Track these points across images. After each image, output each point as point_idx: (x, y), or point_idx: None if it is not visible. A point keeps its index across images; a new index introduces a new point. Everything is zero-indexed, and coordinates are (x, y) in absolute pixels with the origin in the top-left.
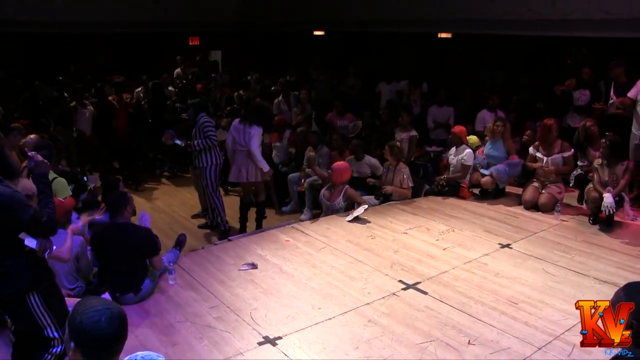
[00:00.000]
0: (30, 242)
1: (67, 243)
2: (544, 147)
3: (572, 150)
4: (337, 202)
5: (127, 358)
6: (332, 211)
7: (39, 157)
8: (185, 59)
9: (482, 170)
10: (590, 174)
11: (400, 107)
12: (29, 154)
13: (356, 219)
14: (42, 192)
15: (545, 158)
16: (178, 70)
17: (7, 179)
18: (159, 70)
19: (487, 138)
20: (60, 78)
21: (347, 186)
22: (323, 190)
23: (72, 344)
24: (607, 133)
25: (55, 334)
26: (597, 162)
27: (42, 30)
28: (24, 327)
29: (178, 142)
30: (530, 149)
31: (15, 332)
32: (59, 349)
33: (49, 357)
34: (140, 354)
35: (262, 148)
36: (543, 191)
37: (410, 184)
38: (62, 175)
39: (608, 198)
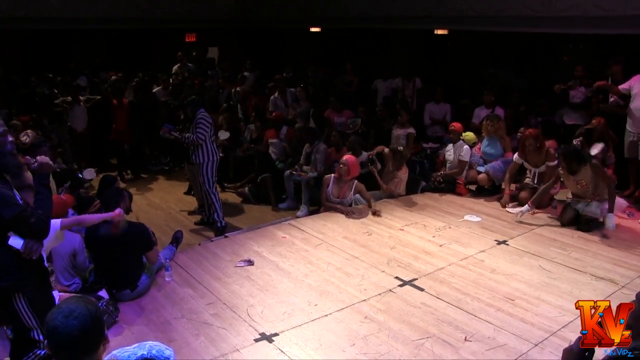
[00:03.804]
0: (16, 243)
1: (99, 216)
2: (533, 157)
3: (556, 161)
4: (349, 197)
5: (135, 346)
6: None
7: (45, 159)
8: (185, 55)
9: (479, 168)
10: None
11: (396, 103)
12: (38, 159)
13: (353, 212)
14: (39, 193)
15: (533, 169)
16: (176, 66)
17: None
18: (156, 66)
19: (483, 134)
20: (51, 75)
21: (356, 181)
22: (330, 190)
23: (46, 341)
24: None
25: (41, 337)
26: (561, 171)
27: (38, 27)
28: (13, 325)
29: (176, 134)
30: (516, 157)
31: (11, 330)
32: (43, 352)
33: (33, 356)
34: (149, 343)
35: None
36: (539, 187)
37: (402, 193)
38: (59, 172)
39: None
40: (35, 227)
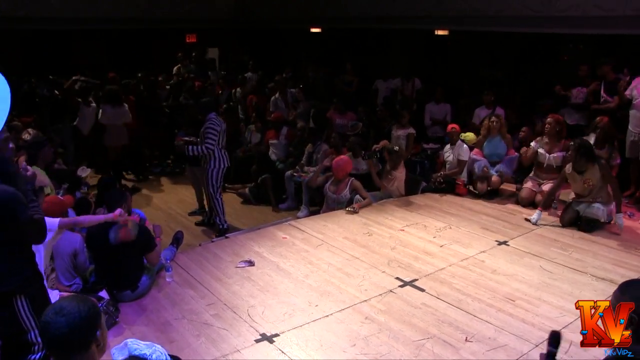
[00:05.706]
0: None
1: (98, 217)
2: (550, 142)
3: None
4: (343, 194)
5: (147, 343)
6: (339, 204)
7: (31, 170)
8: (185, 56)
9: (490, 171)
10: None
11: (396, 104)
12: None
13: (352, 212)
14: (33, 200)
15: (547, 155)
16: (177, 67)
17: (5, 182)
18: (156, 67)
19: (483, 133)
20: (51, 77)
21: (352, 178)
22: (328, 185)
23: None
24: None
25: (39, 339)
26: (568, 169)
27: (38, 27)
28: (6, 329)
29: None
30: (533, 144)
31: (1, 336)
32: (38, 356)
33: None
34: (157, 347)
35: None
36: (540, 188)
37: (402, 193)
38: (59, 173)
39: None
40: (39, 225)
